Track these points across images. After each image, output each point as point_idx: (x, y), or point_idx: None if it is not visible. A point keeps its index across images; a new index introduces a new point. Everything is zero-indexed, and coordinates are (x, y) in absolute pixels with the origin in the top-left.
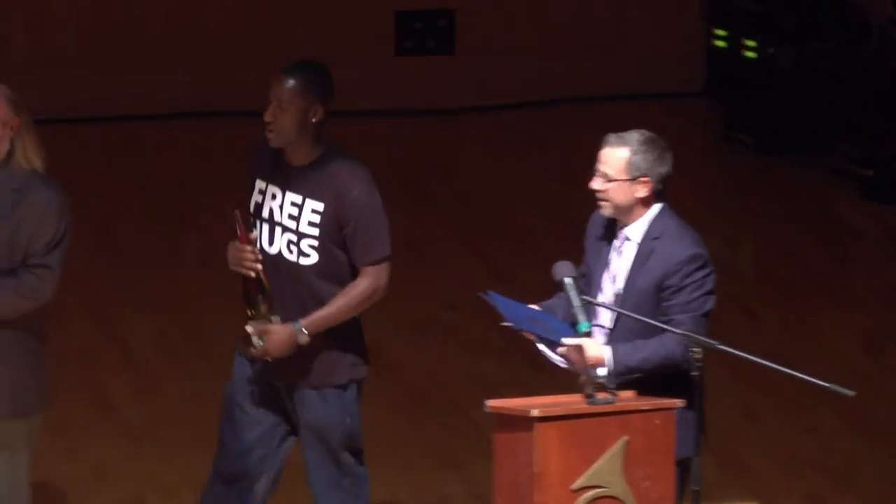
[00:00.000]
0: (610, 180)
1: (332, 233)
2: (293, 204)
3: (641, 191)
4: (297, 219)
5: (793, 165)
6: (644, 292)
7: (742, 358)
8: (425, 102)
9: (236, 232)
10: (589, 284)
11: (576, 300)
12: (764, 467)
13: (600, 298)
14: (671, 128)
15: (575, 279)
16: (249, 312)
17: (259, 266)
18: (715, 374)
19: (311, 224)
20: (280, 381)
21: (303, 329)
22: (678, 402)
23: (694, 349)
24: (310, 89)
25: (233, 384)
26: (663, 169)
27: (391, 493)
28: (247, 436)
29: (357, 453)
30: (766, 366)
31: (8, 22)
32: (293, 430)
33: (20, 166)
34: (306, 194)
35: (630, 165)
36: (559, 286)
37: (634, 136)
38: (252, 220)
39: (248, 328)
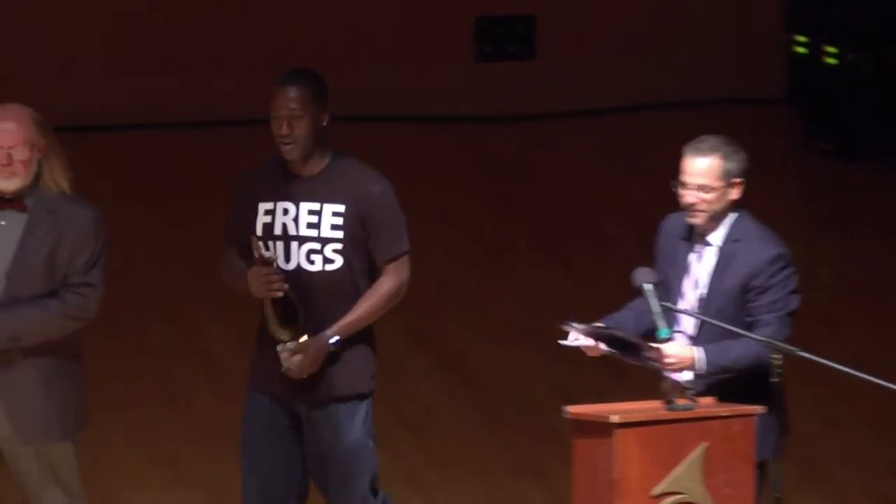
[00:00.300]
0: (706, 191)
1: (355, 233)
2: (311, 212)
3: (735, 193)
4: (317, 226)
5: (873, 171)
6: (728, 295)
7: (822, 364)
8: (505, 108)
9: (254, 258)
10: (666, 290)
11: (656, 306)
12: (844, 475)
13: (682, 304)
14: (752, 134)
15: (655, 285)
16: (283, 336)
17: (287, 285)
18: (795, 380)
19: (333, 227)
20: (303, 400)
21: (335, 338)
22: (758, 409)
23: (774, 355)
24: (318, 95)
25: (248, 428)
26: (746, 166)
27: (470, 499)
28: (269, 477)
29: (375, 482)
30: (846, 373)
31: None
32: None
33: (48, 188)
34: (324, 200)
35: (724, 171)
36: (639, 292)
37: (715, 141)
38: (261, 242)
39: (284, 354)
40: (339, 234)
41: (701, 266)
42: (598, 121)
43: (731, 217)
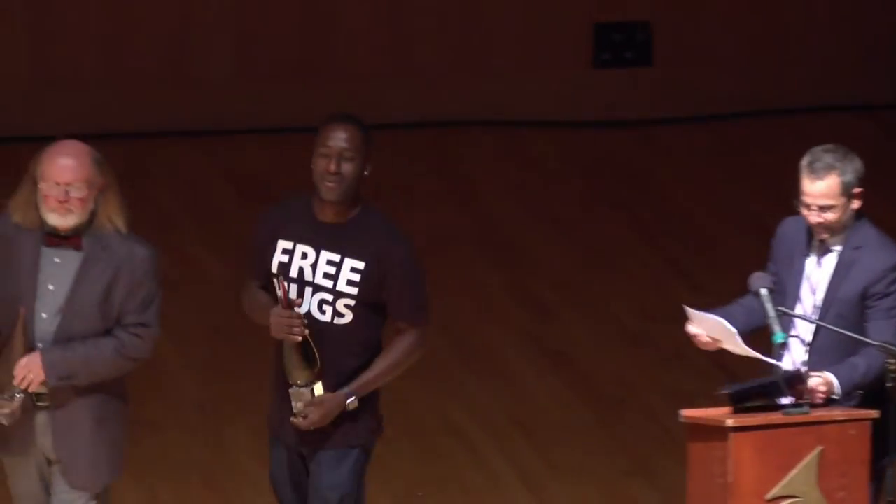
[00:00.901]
0: (829, 210)
1: (371, 292)
2: (330, 262)
3: (856, 203)
4: (334, 278)
5: None
6: (847, 302)
7: None
8: (623, 113)
9: (277, 297)
10: (782, 295)
11: (771, 311)
12: None
13: (797, 309)
14: (870, 140)
15: (770, 290)
16: (299, 378)
17: (307, 331)
18: None
19: (349, 283)
20: (307, 447)
21: (353, 397)
22: (873, 413)
23: (889, 360)
24: (370, 142)
25: (274, 476)
26: (863, 172)
27: (584, 499)
28: None
29: None
30: None
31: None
32: None
33: (103, 226)
34: (345, 253)
35: (843, 187)
36: (755, 297)
37: (829, 158)
38: (277, 280)
39: (297, 401)
40: (354, 291)
41: (820, 272)
42: (712, 125)
43: (851, 223)
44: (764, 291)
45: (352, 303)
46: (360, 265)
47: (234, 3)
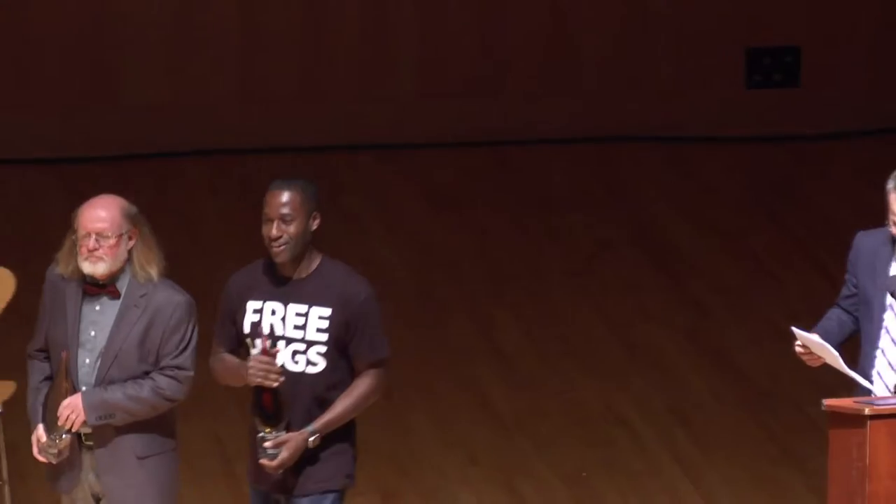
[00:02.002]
0: None
1: (339, 337)
2: (298, 314)
3: None
4: (303, 328)
5: None
6: None
7: None
8: (774, 131)
9: (251, 347)
10: (867, 305)
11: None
12: None
13: (886, 317)
14: None
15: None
16: (265, 427)
17: (283, 379)
18: None
19: (318, 330)
20: (285, 493)
21: (316, 434)
22: None
23: None
24: (310, 198)
25: None
26: None
27: (736, 484)
28: None
29: None
30: None
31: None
32: None
33: (138, 275)
34: (311, 302)
35: None
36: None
37: None
38: (249, 339)
39: (266, 442)
40: (324, 337)
41: None
42: (856, 142)
43: None
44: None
45: (323, 349)
46: (327, 311)
47: (421, 20)
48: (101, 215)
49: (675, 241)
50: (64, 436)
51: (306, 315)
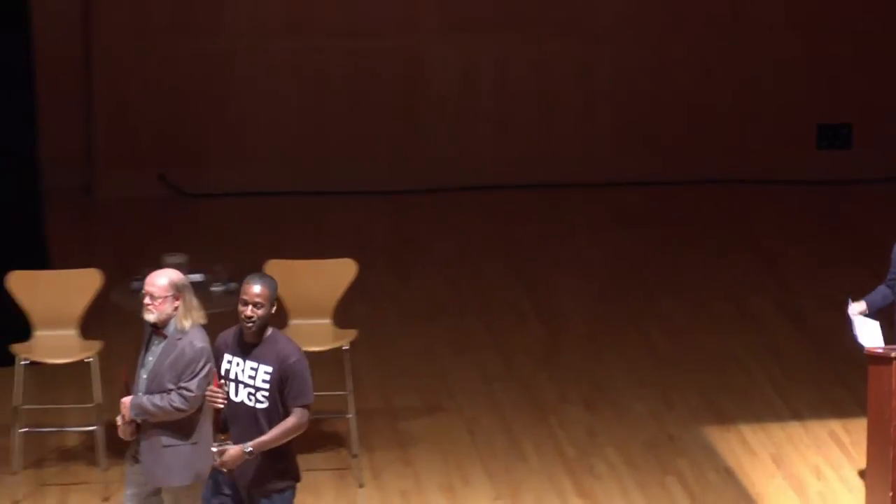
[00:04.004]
0: None
1: (276, 387)
2: (251, 368)
3: None
4: (254, 378)
5: None
6: None
7: None
8: (837, 176)
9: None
10: None
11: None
12: None
13: None
14: None
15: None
16: (219, 435)
17: (221, 404)
18: None
19: (263, 381)
20: (245, 489)
21: (249, 448)
22: None
23: None
24: (273, 291)
25: (208, 493)
26: None
27: (799, 412)
28: None
29: None
30: None
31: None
32: None
33: (178, 324)
34: (260, 361)
35: None
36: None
37: None
38: (225, 380)
39: (213, 447)
40: (267, 386)
41: None
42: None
43: None
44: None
45: (266, 393)
46: (270, 369)
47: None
48: (155, 282)
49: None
50: (118, 421)
51: (256, 370)
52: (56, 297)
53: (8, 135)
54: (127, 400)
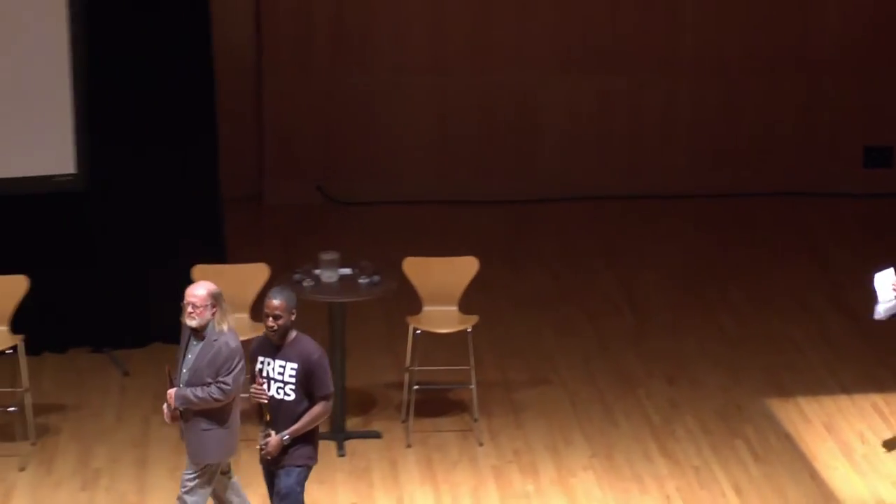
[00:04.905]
0: None
1: (302, 381)
2: (280, 366)
3: None
4: (283, 374)
5: None
6: None
7: None
8: (845, 189)
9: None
10: None
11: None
12: None
13: None
14: None
15: None
16: (265, 427)
17: (265, 399)
18: None
19: (290, 376)
20: (272, 466)
21: (286, 436)
22: None
23: None
24: (292, 303)
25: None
26: None
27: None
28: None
29: None
30: None
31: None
32: None
33: (215, 327)
34: (287, 360)
35: None
36: None
37: None
38: (260, 377)
39: (262, 436)
40: (294, 381)
41: None
42: None
43: None
44: None
45: (294, 387)
46: (296, 366)
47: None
48: (194, 293)
49: None
50: (165, 408)
51: (284, 367)
52: (232, 287)
53: (195, 155)
54: (172, 391)
